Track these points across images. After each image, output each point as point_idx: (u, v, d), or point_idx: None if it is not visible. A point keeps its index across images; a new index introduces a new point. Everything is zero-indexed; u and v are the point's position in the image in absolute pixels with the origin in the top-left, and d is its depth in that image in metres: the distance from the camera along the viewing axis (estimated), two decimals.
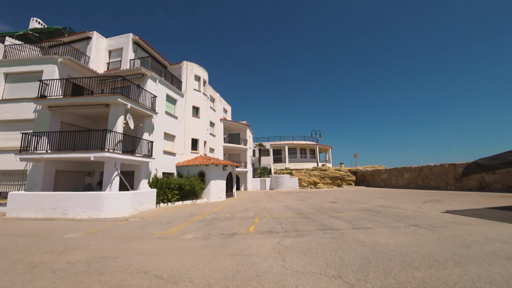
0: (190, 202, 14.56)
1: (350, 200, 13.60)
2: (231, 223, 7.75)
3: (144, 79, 14.14)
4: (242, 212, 10.12)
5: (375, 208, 9.97)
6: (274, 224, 7.31)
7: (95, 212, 9.90)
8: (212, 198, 15.74)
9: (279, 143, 34.76)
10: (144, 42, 15.88)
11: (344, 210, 9.70)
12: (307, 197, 16.83)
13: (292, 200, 14.63)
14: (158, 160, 14.34)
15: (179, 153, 16.76)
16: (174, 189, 13.90)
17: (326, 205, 11.65)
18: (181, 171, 16.38)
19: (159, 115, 14.74)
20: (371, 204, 11.63)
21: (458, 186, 17.90)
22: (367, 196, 15.73)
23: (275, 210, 10.44)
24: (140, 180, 13.01)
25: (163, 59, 17.88)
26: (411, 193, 17.18)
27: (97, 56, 15.36)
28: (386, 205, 10.88)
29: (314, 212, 9.58)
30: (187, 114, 17.75)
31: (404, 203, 11.41)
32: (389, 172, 25.95)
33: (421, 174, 21.58)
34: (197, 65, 19.14)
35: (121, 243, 5.67)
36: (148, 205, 12.07)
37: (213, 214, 9.77)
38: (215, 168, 16.08)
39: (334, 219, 7.84)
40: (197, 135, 18.15)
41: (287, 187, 26.51)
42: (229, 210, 10.90)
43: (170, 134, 16.02)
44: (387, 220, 7.37)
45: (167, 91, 15.80)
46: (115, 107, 11.65)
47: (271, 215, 9.16)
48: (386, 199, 13.78)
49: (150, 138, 13.76)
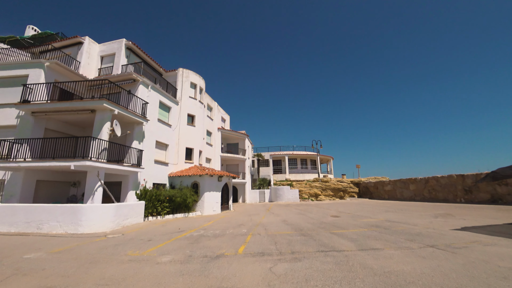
0: (181, 216, 13.56)
1: (353, 214, 12.59)
2: (220, 241, 6.81)
3: (135, 84, 13.53)
4: (234, 228, 9.16)
5: (381, 224, 9.00)
6: (268, 243, 6.37)
7: (72, 227, 8.97)
8: (206, 211, 14.73)
9: (279, 153, 33.87)
10: (138, 48, 15.42)
11: (348, 226, 8.72)
12: (308, 210, 15.80)
13: (291, 214, 13.62)
14: (148, 170, 13.49)
15: (172, 163, 15.91)
16: (164, 202, 12.96)
17: (328, 220, 10.66)
18: (174, 182, 15.47)
19: (151, 123, 14.03)
20: (376, 218, 10.64)
21: (468, 199, 16.85)
22: (371, 210, 14.70)
23: (271, 226, 9.47)
24: (128, 192, 12.11)
25: (157, 65, 17.39)
26: (418, 206, 16.12)
27: (88, 61, 14.85)
28: (393, 220, 9.89)
29: (314, 228, 8.62)
30: (182, 122, 17.05)
31: (413, 218, 10.42)
32: (393, 184, 24.89)
33: (427, 186, 20.54)
34: (193, 72, 18.63)
35: (82, 266, 4.75)
36: (135, 219, 11.11)
37: (202, 230, 8.81)
38: (210, 179, 15.17)
39: (336, 237, 6.89)
40: (192, 144, 17.36)
41: (287, 199, 25.39)
42: (221, 225, 9.93)
43: (163, 143, 15.24)
44: (398, 238, 6.42)
45: (160, 97, 15.17)
46: (101, 112, 10.95)
47: (267, 231, 8.20)
48: (392, 212, 12.77)
49: (140, 146, 12.97)
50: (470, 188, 16.79)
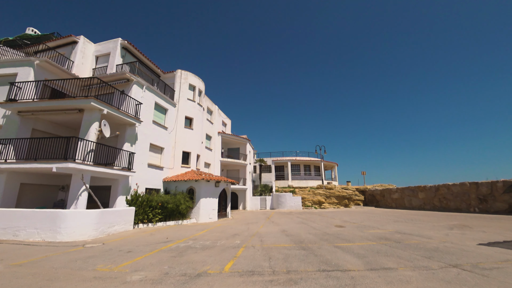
0: (174, 223, 12.72)
1: (359, 224, 11.60)
2: (207, 255, 5.96)
3: (128, 84, 12.97)
4: (228, 238, 8.29)
5: (391, 236, 8.04)
6: (261, 259, 5.50)
7: (50, 234, 8.23)
8: (201, 219, 13.87)
9: (282, 159, 32.94)
10: (134, 47, 14.95)
11: (354, 238, 7.79)
12: (310, 219, 14.82)
13: (292, 223, 12.68)
14: (140, 174, 12.76)
15: (168, 167, 15.18)
16: (156, 208, 12.17)
17: (332, 231, 9.72)
18: (169, 187, 14.70)
19: (145, 125, 13.39)
20: (385, 229, 9.66)
21: (483, 209, 15.66)
22: (379, 219, 13.66)
23: (269, 237, 8.58)
24: (117, 197, 11.37)
25: (155, 66, 16.89)
26: (429, 215, 15.01)
27: (82, 61, 14.40)
28: (404, 232, 8.91)
29: (316, 240, 7.71)
30: (179, 125, 16.39)
31: (426, 229, 9.42)
32: (401, 192, 23.70)
33: (437, 194, 19.36)
34: (192, 74, 18.09)
35: (35, 285, 3.96)
36: (122, 226, 10.33)
37: (191, 241, 7.97)
38: (206, 184, 14.36)
39: (341, 251, 5.98)
40: (189, 147, 16.65)
41: (289, 206, 24.35)
42: (214, 235, 9.07)
43: (158, 146, 14.55)
44: (412, 255, 5.49)
45: (156, 99, 14.57)
46: (89, 112, 10.34)
47: (262, 243, 7.32)
48: (402, 223, 11.74)
49: (132, 149, 12.30)
50: (485, 197, 15.63)
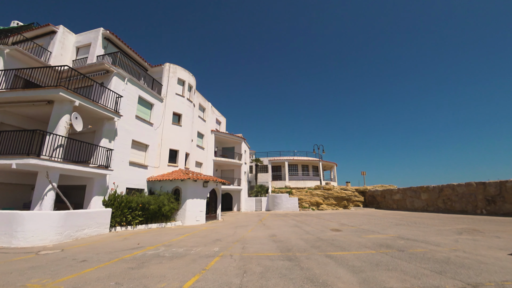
0: (157, 226, 11.72)
1: (358, 228, 10.58)
2: (171, 266, 4.96)
3: (108, 76, 12.01)
4: (206, 245, 7.28)
5: (393, 243, 7.02)
6: (234, 273, 4.50)
7: (5, 239, 7.26)
8: (187, 221, 12.87)
9: (279, 159, 31.91)
10: (117, 38, 13.99)
11: (350, 246, 6.77)
12: (306, 221, 13.79)
13: (285, 226, 11.66)
14: (120, 172, 11.78)
15: (153, 166, 14.19)
16: (136, 209, 11.17)
17: (326, 235, 8.70)
18: (154, 187, 13.70)
19: (127, 120, 12.42)
20: (386, 234, 8.64)
21: (491, 210, 14.61)
22: (379, 222, 12.63)
23: (254, 243, 7.57)
24: (92, 197, 10.38)
25: (142, 59, 15.93)
26: (433, 218, 13.97)
27: (61, 52, 13.45)
28: (407, 237, 7.89)
29: (306, 247, 6.70)
30: (166, 121, 15.42)
31: (432, 234, 8.39)
32: (402, 193, 22.64)
33: (441, 195, 18.31)
34: (182, 68, 17.13)
35: None
36: (95, 230, 9.33)
37: (163, 247, 6.96)
38: (193, 184, 13.36)
39: (333, 263, 4.97)
40: (177, 145, 15.66)
41: (286, 208, 23.30)
42: (193, 241, 8.07)
43: (142, 143, 13.57)
44: (419, 268, 4.48)
45: (140, 92, 13.60)
46: (59, 104, 9.38)
47: (243, 251, 6.31)
48: (404, 226, 10.72)
49: (110, 145, 11.33)
50: (493, 197, 14.59)
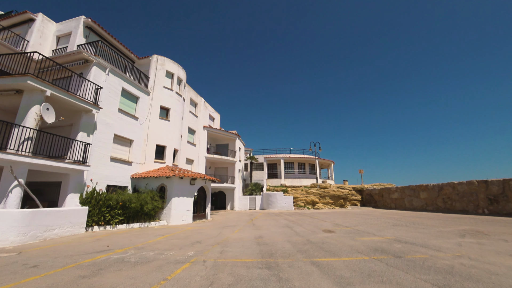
0: (138, 226, 11.01)
1: (352, 229, 9.89)
2: (129, 275, 4.23)
3: (87, 66, 11.24)
4: (182, 248, 6.57)
5: (389, 247, 6.32)
6: (198, 285, 3.78)
7: None
8: (173, 221, 12.15)
9: (274, 156, 31.20)
10: (99, 27, 13.16)
11: (341, 250, 6.06)
12: (298, 222, 13.10)
13: (275, 227, 10.96)
14: (100, 168, 11.04)
15: (138, 162, 13.44)
16: (116, 208, 10.45)
17: (317, 237, 8.00)
18: (138, 185, 12.97)
19: (108, 113, 11.66)
20: (382, 236, 7.94)
21: (493, 210, 13.96)
22: (376, 222, 11.95)
23: (235, 246, 6.86)
24: (67, 195, 9.64)
25: (128, 51, 15.11)
26: (433, 218, 13.30)
27: (40, 41, 12.64)
28: (405, 239, 7.20)
29: (292, 251, 5.99)
30: (153, 115, 14.65)
31: (432, 236, 7.70)
32: (401, 191, 21.99)
33: (441, 194, 17.66)
34: (171, 60, 16.34)
35: None
36: (68, 230, 8.61)
37: (132, 250, 6.24)
38: (180, 181, 12.63)
39: (318, 273, 4.26)
40: (164, 141, 14.91)
41: (280, 207, 22.62)
42: (170, 243, 7.34)
43: (125, 138, 12.82)
44: (419, 281, 3.77)
45: (124, 84, 12.83)
46: (29, 94, 8.62)
47: (219, 256, 5.60)
48: (402, 227, 10.03)
49: (88, 139, 10.58)
50: (495, 197, 13.93)
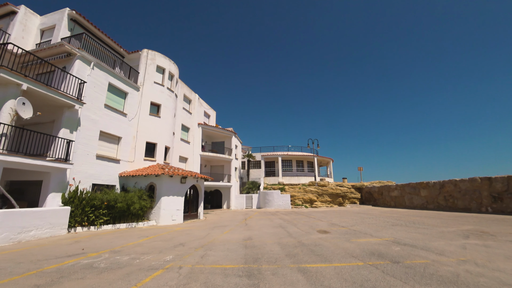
0: (125, 226, 10.52)
1: (349, 229, 9.37)
2: (89, 285, 3.72)
3: (70, 60, 10.71)
4: (161, 252, 6.06)
5: (387, 250, 5.80)
6: None
7: None
8: (162, 221, 11.67)
9: (272, 154, 30.67)
10: (85, 20, 12.58)
11: (334, 254, 5.55)
12: (293, 221, 12.60)
13: (267, 227, 10.45)
14: (84, 167, 10.55)
15: (126, 160, 12.94)
16: (101, 208, 9.95)
17: (310, 239, 7.49)
18: (127, 183, 12.48)
19: (93, 109, 11.15)
20: (380, 237, 7.43)
21: (497, 208, 13.43)
22: (374, 222, 11.44)
23: (218, 249, 6.35)
24: (48, 194, 9.15)
25: (117, 45, 14.53)
26: (434, 217, 12.79)
27: (23, 35, 12.10)
28: (405, 241, 6.68)
29: (280, 256, 5.48)
30: (143, 111, 14.12)
31: (433, 238, 7.18)
32: (401, 189, 21.46)
33: (443, 192, 17.12)
34: (162, 55, 15.78)
35: None
36: (47, 231, 8.12)
37: (107, 254, 5.74)
38: (169, 180, 12.13)
39: (303, 283, 3.75)
40: (155, 138, 14.39)
41: (277, 205, 22.13)
42: (150, 246, 6.84)
43: (113, 135, 12.31)
44: None
45: (111, 79, 12.30)
46: (3, 87, 8.11)
47: (199, 262, 5.09)
48: (401, 227, 9.52)
49: (71, 136, 10.07)
50: (499, 194, 13.39)
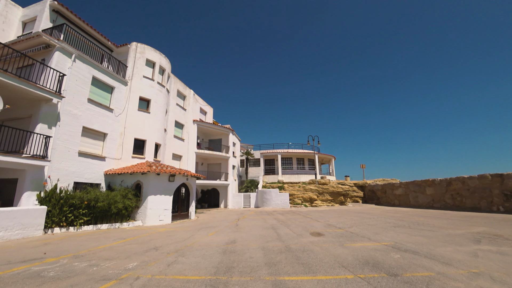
0: (107, 227, 9.92)
1: (345, 231, 8.59)
2: None
3: (49, 52, 10.11)
4: (129, 257, 5.38)
5: (385, 258, 5.02)
6: None
7: None
8: (149, 221, 11.04)
9: (271, 152, 29.87)
10: (68, 11, 11.92)
11: (321, 263, 4.79)
12: (288, 221, 11.86)
13: (258, 229, 9.72)
14: (65, 164, 9.97)
15: (113, 157, 12.34)
16: (80, 208, 9.36)
17: (300, 243, 6.74)
18: (113, 182, 11.89)
19: (74, 103, 10.55)
20: (378, 242, 6.64)
21: (510, 207, 12.47)
22: (374, 223, 10.62)
23: (192, 256, 5.65)
24: (22, 193, 8.59)
25: (104, 38, 13.88)
26: (441, 217, 11.90)
27: (3, 27, 11.58)
28: (406, 247, 5.88)
29: (259, 265, 4.75)
30: (131, 107, 13.49)
31: (439, 242, 6.37)
32: (405, 187, 20.50)
33: (449, 190, 16.16)
34: (152, 48, 15.11)
35: None
36: (18, 232, 7.55)
37: (66, 259, 5.08)
38: (156, 178, 11.48)
39: None
40: (144, 135, 13.76)
41: (275, 204, 21.37)
42: (120, 250, 6.17)
43: (97, 131, 11.71)
44: None
45: (95, 72, 11.68)
46: None
47: (161, 271, 4.40)
48: (404, 229, 8.69)
49: (49, 132, 9.48)
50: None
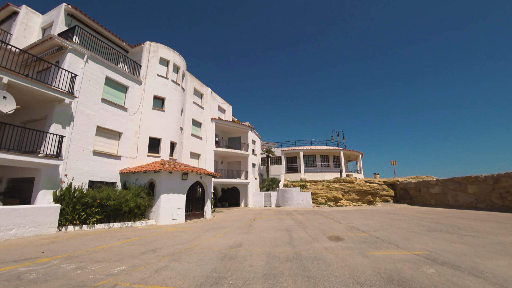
0: (119, 226, 9.89)
1: (369, 235, 7.51)
2: None
3: (63, 54, 10.34)
4: (121, 260, 5.01)
5: (414, 273, 4.03)
6: None
7: None
8: (162, 220, 10.87)
9: (293, 149, 28.77)
10: (82, 14, 12.15)
11: (332, 277, 3.95)
12: (306, 223, 10.96)
13: (271, 230, 8.99)
14: (79, 163, 10.15)
15: (128, 156, 12.42)
16: (93, 206, 9.42)
17: (313, 249, 5.90)
18: (128, 180, 11.96)
19: (88, 103, 10.72)
20: (408, 250, 5.55)
21: None
22: (405, 225, 9.31)
23: (186, 261, 5.12)
24: (38, 191, 8.82)
25: (118, 39, 14.07)
26: (486, 219, 10.14)
27: (24, 34, 12.17)
28: (443, 259, 4.77)
29: (256, 276, 4.06)
30: (146, 105, 13.52)
31: (487, 253, 5.12)
32: (442, 185, 18.27)
33: (497, 187, 13.93)
34: (165, 46, 15.05)
35: None
36: (32, 230, 7.70)
37: (57, 260, 4.83)
38: (169, 176, 11.28)
39: None
40: (159, 133, 13.72)
41: (297, 204, 20.38)
42: (119, 251, 5.86)
43: (112, 130, 11.84)
44: None
45: (108, 72, 11.80)
46: None
47: (143, 280, 3.90)
48: (441, 233, 7.38)
49: (63, 132, 9.68)
50: None
